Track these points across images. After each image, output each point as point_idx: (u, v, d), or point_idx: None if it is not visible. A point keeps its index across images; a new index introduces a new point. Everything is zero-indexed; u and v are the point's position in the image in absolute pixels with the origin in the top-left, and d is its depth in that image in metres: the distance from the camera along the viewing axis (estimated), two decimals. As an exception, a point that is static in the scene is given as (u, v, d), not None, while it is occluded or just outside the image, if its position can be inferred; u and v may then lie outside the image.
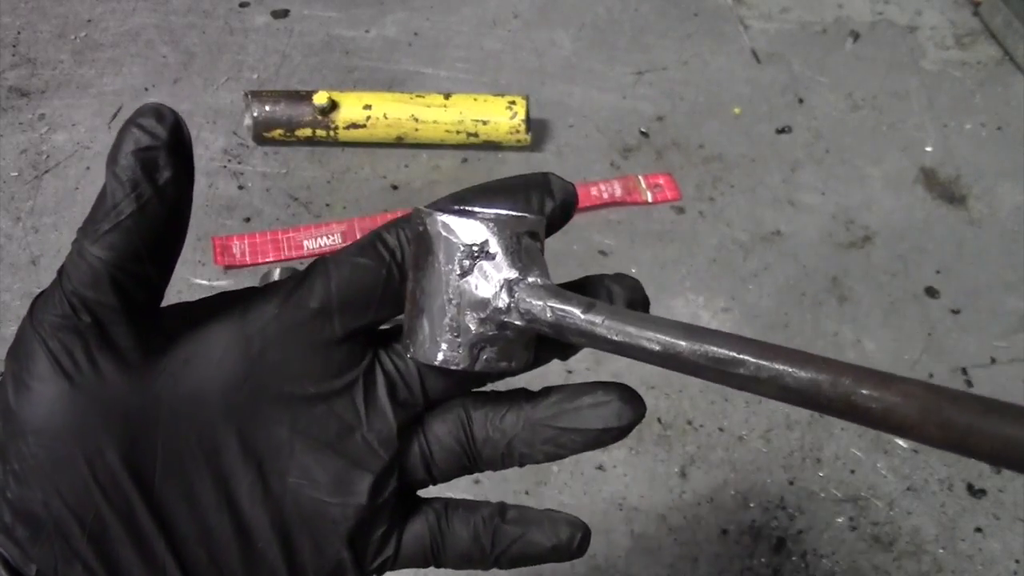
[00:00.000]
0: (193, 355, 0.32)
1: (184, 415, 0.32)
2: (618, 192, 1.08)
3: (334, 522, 0.33)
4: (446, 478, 0.36)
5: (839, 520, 0.85)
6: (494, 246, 0.32)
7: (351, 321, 0.33)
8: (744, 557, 0.83)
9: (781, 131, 1.17)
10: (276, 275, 0.92)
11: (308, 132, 1.10)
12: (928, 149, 1.16)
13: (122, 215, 0.30)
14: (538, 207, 0.34)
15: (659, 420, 0.89)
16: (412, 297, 0.33)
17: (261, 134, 1.10)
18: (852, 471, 0.88)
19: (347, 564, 0.34)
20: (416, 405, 0.34)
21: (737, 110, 1.20)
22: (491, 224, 0.32)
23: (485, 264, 0.32)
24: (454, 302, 0.32)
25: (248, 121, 1.10)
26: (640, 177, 1.10)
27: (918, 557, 0.83)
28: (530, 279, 0.33)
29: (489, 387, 0.36)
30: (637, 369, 0.40)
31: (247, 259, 1.01)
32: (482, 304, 0.32)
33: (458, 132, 1.10)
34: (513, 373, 0.34)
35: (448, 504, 0.36)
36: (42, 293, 0.31)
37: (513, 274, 0.32)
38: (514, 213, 0.34)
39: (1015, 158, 1.15)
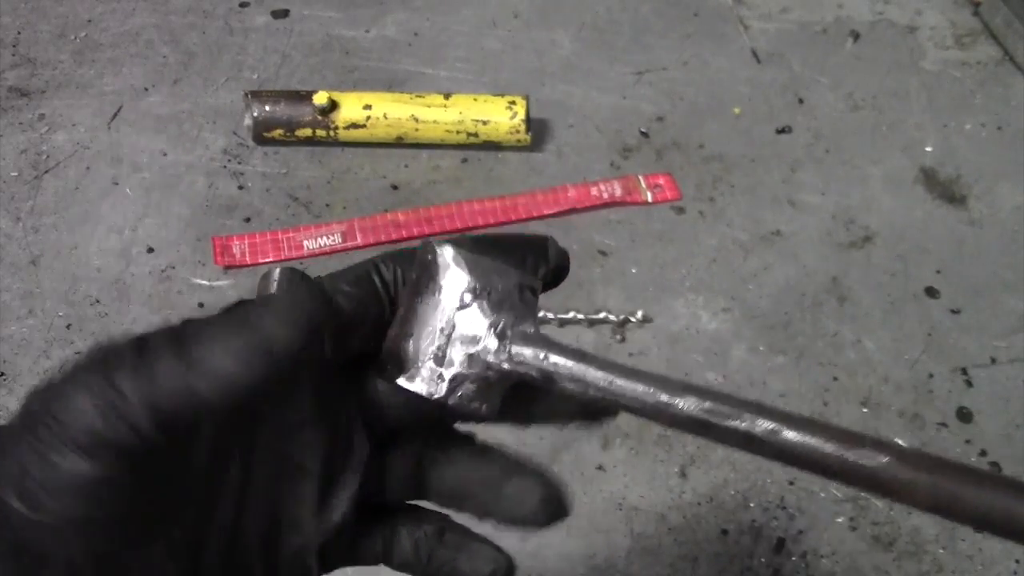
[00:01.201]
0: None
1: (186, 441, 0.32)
2: (618, 192, 1.08)
3: (307, 537, 0.34)
4: (398, 504, 0.37)
5: (839, 520, 0.85)
6: (497, 290, 0.33)
7: (333, 351, 0.33)
8: (744, 557, 0.83)
9: (781, 131, 1.17)
10: (276, 275, 0.92)
11: (308, 132, 1.10)
12: (928, 149, 1.16)
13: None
14: (531, 268, 0.36)
15: (659, 420, 0.89)
16: (403, 321, 0.34)
17: (261, 134, 1.10)
18: (852, 471, 0.88)
19: (313, 571, 0.35)
20: (382, 433, 0.36)
21: (737, 110, 1.20)
22: (500, 268, 0.34)
23: (484, 304, 0.33)
24: (445, 332, 0.33)
25: (248, 121, 1.10)
26: (640, 177, 1.10)
27: (918, 557, 0.83)
28: (523, 327, 0.34)
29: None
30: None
31: (247, 259, 1.01)
32: (473, 340, 0.33)
33: (458, 132, 1.10)
34: (481, 418, 0.35)
35: (399, 513, 0.37)
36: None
37: (509, 319, 0.33)
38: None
39: (1015, 158, 1.15)
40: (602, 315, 0.97)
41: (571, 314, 0.97)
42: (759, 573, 0.82)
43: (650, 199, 1.09)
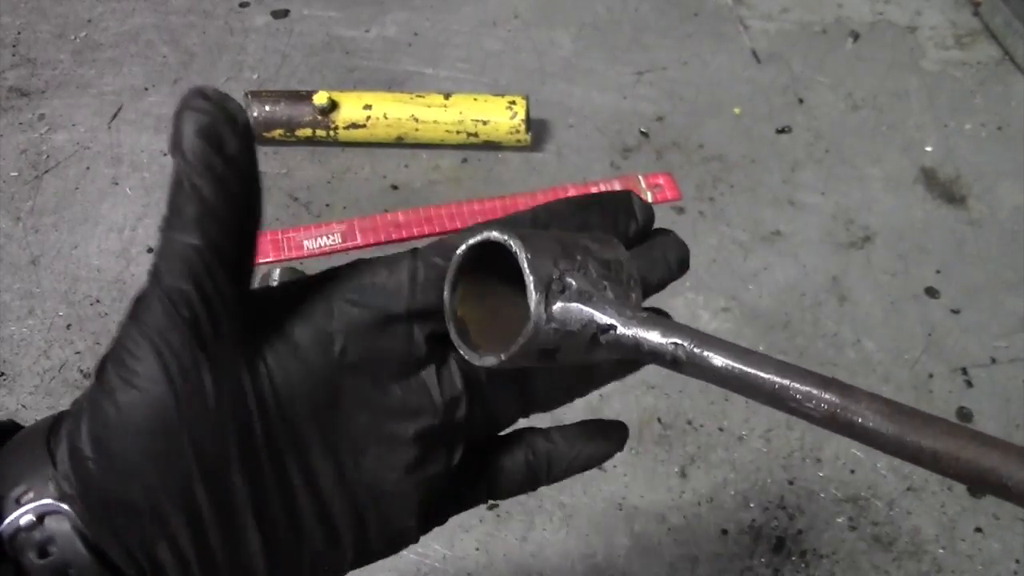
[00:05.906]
0: (281, 353, 0.32)
1: (274, 411, 0.32)
2: (618, 192, 1.08)
3: (406, 496, 0.34)
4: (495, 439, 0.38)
5: (839, 520, 0.85)
6: (590, 266, 0.33)
7: (432, 326, 0.33)
8: (744, 557, 0.83)
9: (781, 131, 1.17)
10: (276, 275, 0.92)
11: (308, 132, 1.10)
12: (928, 149, 1.16)
13: (203, 194, 0.30)
14: (624, 227, 0.37)
15: (659, 420, 0.89)
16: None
17: (261, 134, 1.10)
18: (852, 471, 0.88)
19: (413, 531, 0.35)
20: (482, 384, 0.35)
21: (737, 110, 1.20)
22: (583, 244, 0.33)
23: (577, 284, 0.32)
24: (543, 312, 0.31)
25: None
26: (640, 177, 1.10)
27: (918, 557, 0.83)
28: (627, 304, 0.33)
29: None
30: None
31: (247, 259, 1.01)
32: (571, 319, 0.31)
33: (458, 132, 1.10)
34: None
35: (495, 449, 0.38)
36: (142, 295, 0.31)
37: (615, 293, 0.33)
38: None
39: (1015, 158, 1.15)
40: (602, 315, 0.97)
41: (571, 314, 0.97)
42: (759, 573, 0.82)
43: (650, 199, 1.09)
